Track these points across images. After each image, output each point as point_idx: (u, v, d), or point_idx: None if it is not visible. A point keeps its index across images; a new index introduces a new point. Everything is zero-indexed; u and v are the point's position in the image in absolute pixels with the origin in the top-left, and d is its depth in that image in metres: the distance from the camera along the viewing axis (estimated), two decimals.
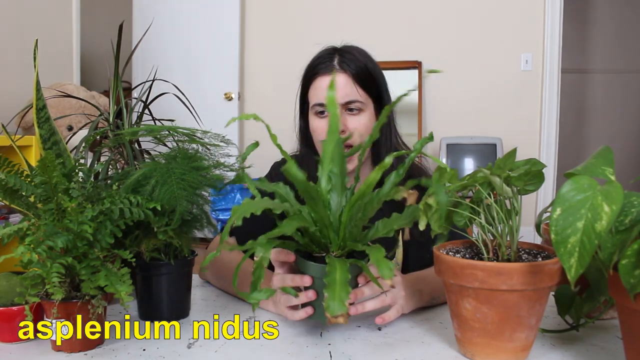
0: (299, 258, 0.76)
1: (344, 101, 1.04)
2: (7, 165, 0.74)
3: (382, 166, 0.66)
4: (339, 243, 0.73)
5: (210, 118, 1.40)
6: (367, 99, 1.06)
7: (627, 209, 0.57)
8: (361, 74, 1.06)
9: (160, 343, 0.74)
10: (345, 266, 0.66)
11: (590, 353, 0.71)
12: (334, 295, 0.61)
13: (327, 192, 0.75)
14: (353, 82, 1.05)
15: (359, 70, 1.05)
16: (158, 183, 0.74)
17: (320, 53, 1.10)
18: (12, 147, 0.89)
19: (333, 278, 0.63)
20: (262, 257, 0.64)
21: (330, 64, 1.06)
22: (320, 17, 3.92)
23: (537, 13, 3.63)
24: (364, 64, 1.07)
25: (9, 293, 0.75)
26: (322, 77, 1.06)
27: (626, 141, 4.84)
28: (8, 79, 2.88)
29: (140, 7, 4.01)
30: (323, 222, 0.71)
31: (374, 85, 1.07)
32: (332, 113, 0.73)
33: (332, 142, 0.75)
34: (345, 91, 1.04)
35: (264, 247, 0.65)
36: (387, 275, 0.60)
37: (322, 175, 0.76)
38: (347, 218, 0.71)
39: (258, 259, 0.64)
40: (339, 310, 0.60)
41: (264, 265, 0.64)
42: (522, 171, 0.66)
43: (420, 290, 0.87)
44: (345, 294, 0.61)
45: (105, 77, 2.07)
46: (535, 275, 0.63)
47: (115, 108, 1.04)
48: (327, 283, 0.63)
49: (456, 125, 3.67)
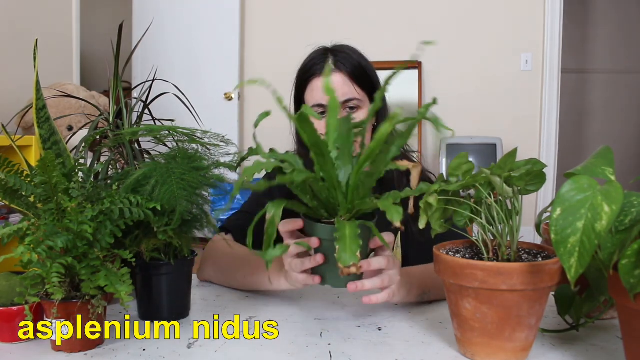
0: (307, 221, 0.76)
1: (343, 100, 1.05)
2: (7, 165, 0.74)
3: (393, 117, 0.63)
4: (347, 206, 0.72)
5: (210, 118, 1.40)
6: (364, 96, 1.08)
7: (627, 209, 0.57)
8: (356, 71, 1.07)
9: (160, 343, 0.74)
10: (354, 224, 0.66)
11: (590, 353, 0.71)
12: (345, 247, 0.62)
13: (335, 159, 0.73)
14: (350, 81, 1.07)
15: (354, 68, 1.07)
16: (158, 183, 0.74)
17: (313, 54, 1.11)
18: (12, 147, 0.89)
19: (343, 233, 0.64)
20: (273, 215, 0.66)
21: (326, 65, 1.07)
22: (321, 17, 3.92)
23: (537, 13, 3.63)
24: (358, 62, 1.09)
25: (9, 293, 0.75)
26: (319, 79, 1.07)
27: (626, 141, 4.84)
28: (8, 79, 2.88)
29: (141, 7, 4.01)
30: (332, 181, 0.70)
31: (369, 81, 1.09)
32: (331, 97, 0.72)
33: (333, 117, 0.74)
34: (343, 90, 1.06)
35: (275, 205, 0.67)
36: (396, 218, 0.60)
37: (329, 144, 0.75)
38: (355, 180, 0.70)
39: (270, 216, 0.66)
40: (350, 260, 0.61)
41: (276, 223, 0.66)
42: (523, 171, 0.66)
43: (410, 284, 0.87)
44: (356, 245, 0.62)
45: (105, 77, 2.07)
46: (535, 275, 0.63)
47: (115, 108, 1.04)
48: (337, 238, 0.64)
49: (456, 125, 3.64)
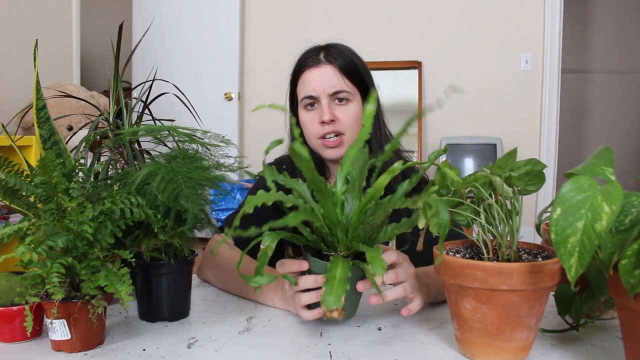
0: (306, 254, 0.77)
1: (332, 91, 1.08)
2: (7, 165, 0.74)
3: (391, 171, 0.66)
4: (347, 243, 0.73)
5: (210, 118, 1.40)
6: (354, 90, 1.10)
7: (627, 209, 0.57)
8: (347, 66, 1.10)
9: (160, 343, 0.74)
10: (347, 265, 0.67)
11: (590, 353, 0.71)
12: (331, 290, 0.63)
13: (343, 193, 0.76)
14: (340, 74, 1.09)
15: (345, 62, 1.10)
16: (164, 179, 0.74)
17: (306, 51, 1.14)
18: (12, 147, 0.89)
19: (333, 274, 0.65)
20: (267, 246, 0.66)
21: (317, 58, 1.10)
22: (321, 17, 3.92)
23: (537, 13, 3.64)
24: (350, 58, 1.11)
25: (9, 293, 0.75)
26: (310, 70, 1.10)
27: (626, 141, 4.85)
28: (8, 79, 2.88)
29: (141, 7, 4.01)
30: (331, 219, 0.71)
31: (360, 78, 1.11)
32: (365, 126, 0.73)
33: (356, 148, 0.75)
34: (332, 82, 1.08)
35: (271, 237, 0.67)
36: (379, 272, 0.62)
37: (339, 176, 0.77)
38: (357, 219, 0.72)
39: (264, 247, 0.66)
40: (334, 305, 0.62)
41: (269, 254, 0.66)
42: (523, 171, 0.66)
43: (428, 285, 0.87)
44: (343, 290, 0.63)
45: (105, 77, 2.07)
46: (535, 275, 0.63)
47: (115, 108, 1.04)
48: (326, 278, 0.65)
49: (456, 125, 3.67)
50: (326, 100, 1.08)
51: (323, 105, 1.08)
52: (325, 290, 0.63)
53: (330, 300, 0.62)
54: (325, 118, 1.07)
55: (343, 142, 1.09)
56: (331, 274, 0.65)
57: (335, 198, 0.75)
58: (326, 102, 1.08)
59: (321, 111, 1.08)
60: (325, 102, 1.08)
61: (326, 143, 1.09)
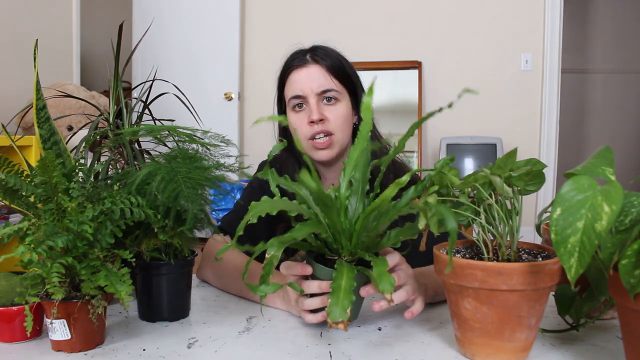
0: (310, 259, 0.77)
1: (320, 90, 1.08)
2: (7, 165, 0.74)
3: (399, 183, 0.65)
4: (351, 249, 0.73)
5: (210, 118, 1.40)
6: (342, 89, 1.10)
7: (627, 209, 0.57)
8: (335, 66, 1.10)
9: (160, 343, 0.74)
10: (352, 273, 0.66)
11: (590, 353, 0.71)
12: (337, 302, 0.62)
13: (346, 197, 0.75)
14: (327, 73, 1.09)
15: (332, 62, 1.10)
16: (163, 179, 0.74)
17: (292, 53, 1.14)
18: (12, 147, 0.89)
19: (338, 284, 0.64)
20: (272, 255, 0.66)
21: (304, 58, 1.10)
22: (321, 17, 3.92)
23: (537, 13, 3.64)
24: (337, 58, 1.11)
25: (9, 293, 0.75)
26: (297, 70, 1.10)
27: (626, 141, 4.85)
28: (8, 79, 2.88)
29: (141, 7, 4.01)
30: (336, 228, 0.71)
31: (347, 78, 1.11)
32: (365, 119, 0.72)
33: (358, 149, 0.74)
34: (320, 81, 1.08)
35: (277, 245, 0.66)
36: (387, 290, 0.62)
37: (343, 180, 0.76)
38: (361, 227, 0.71)
39: (269, 256, 0.66)
40: (339, 317, 0.61)
41: (274, 263, 0.66)
42: (523, 171, 0.66)
43: (425, 285, 0.87)
44: (348, 301, 0.62)
45: (105, 77, 2.07)
46: (535, 275, 0.63)
47: (115, 108, 1.04)
48: (331, 289, 0.64)
49: (456, 125, 3.67)
50: (314, 100, 1.07)
51: (311, 104, 1.07)
52: (331, 301, 0.62)
53: (337, 312, 0.61)
54: (314, 117, 1.06)
55: (333, 142, 1.08)
56: (336, 284, 0.64)
57: (339, 203, 0.74)
58: (314, 101, 1.07)
59: (310, 111, 1.07)
60: (314, 102, 1.07)
61: (316, 144, 1.08)
